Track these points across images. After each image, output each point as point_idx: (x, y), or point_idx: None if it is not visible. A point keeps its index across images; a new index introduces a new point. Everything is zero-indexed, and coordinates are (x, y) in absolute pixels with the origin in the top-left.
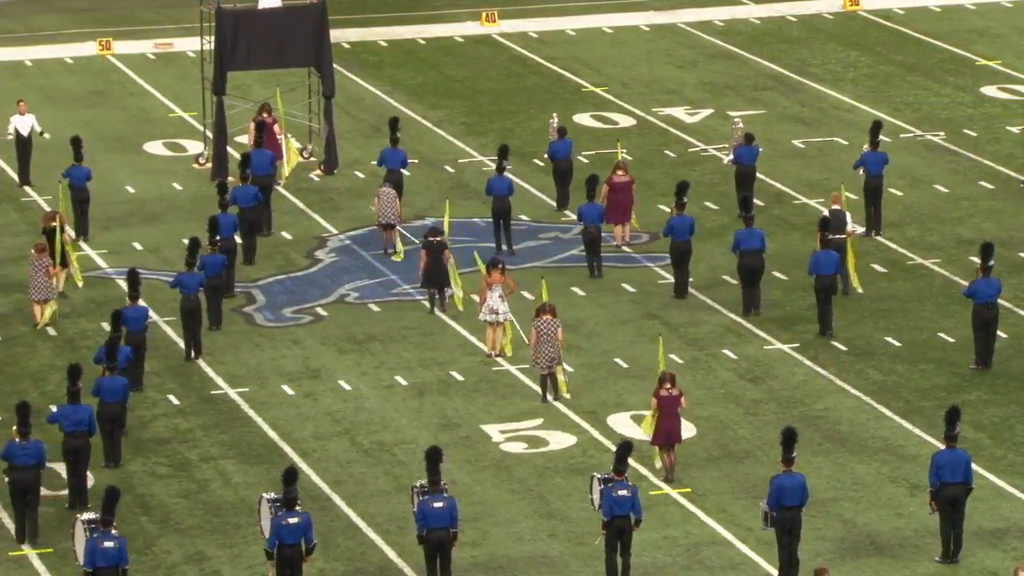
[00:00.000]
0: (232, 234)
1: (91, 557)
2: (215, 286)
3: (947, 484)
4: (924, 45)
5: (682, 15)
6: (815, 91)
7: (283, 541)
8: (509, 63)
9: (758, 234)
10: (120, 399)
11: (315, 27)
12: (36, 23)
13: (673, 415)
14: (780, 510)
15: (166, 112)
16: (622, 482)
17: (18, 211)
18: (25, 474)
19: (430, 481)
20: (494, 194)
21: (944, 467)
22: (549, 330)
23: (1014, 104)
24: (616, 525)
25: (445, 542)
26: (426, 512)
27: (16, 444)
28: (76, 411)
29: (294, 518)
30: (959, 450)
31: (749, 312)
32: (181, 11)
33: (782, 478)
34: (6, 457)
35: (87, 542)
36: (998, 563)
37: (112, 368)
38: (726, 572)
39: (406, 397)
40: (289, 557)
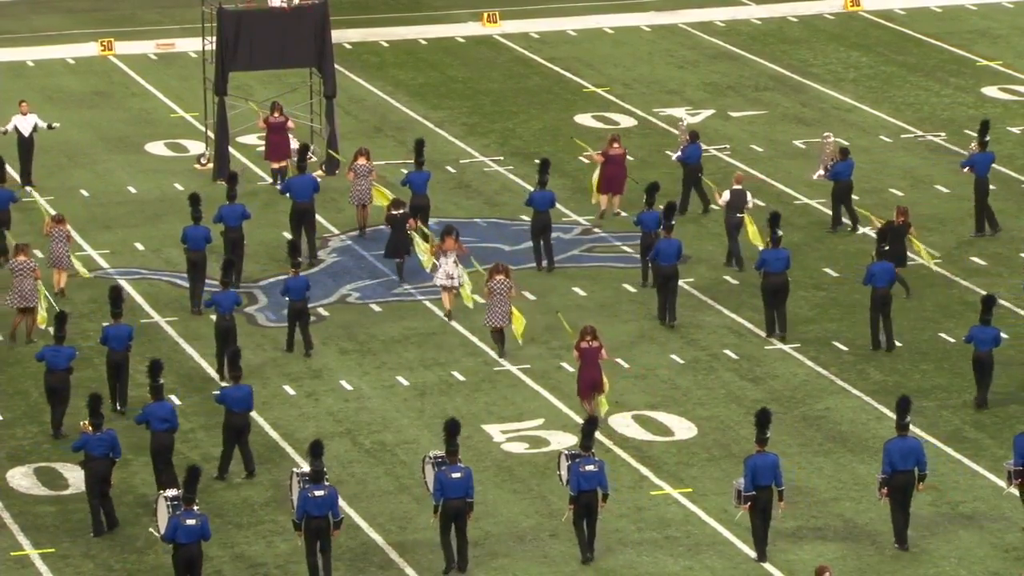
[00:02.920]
0: (239, 224)
1: (173, 533)
2: (299, 310)
3: (898, 472)
4: (925, 46)
5: (683, 16)
6: (816, 91)
7: (310, 513)
8: (510, 64)
9: (784, 254)
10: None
11: (317, 28)
12: (38, 23)
13: (594, 365)
14: (756, 489)
15: (168, 112)
16: (589, 457)
17: (20, 210)
18: (100, 464)
19: (448, 452)
20: (535, 208)
21: (895, 455)
22: (501, 289)
23: (1015, 105)
24: (583, 500)
25: (461, 511)
26: (444, 482)
27: (91, 436)
28: (160, 408)
29: (320, 491)
30: (910, 438)
31: (772, 333)
32: (183, 12)
33: (756, 458)
34: (82, 449)
35: (170, 519)
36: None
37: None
38: (729, 574)
39: (408, 397)
40: (316, 529)
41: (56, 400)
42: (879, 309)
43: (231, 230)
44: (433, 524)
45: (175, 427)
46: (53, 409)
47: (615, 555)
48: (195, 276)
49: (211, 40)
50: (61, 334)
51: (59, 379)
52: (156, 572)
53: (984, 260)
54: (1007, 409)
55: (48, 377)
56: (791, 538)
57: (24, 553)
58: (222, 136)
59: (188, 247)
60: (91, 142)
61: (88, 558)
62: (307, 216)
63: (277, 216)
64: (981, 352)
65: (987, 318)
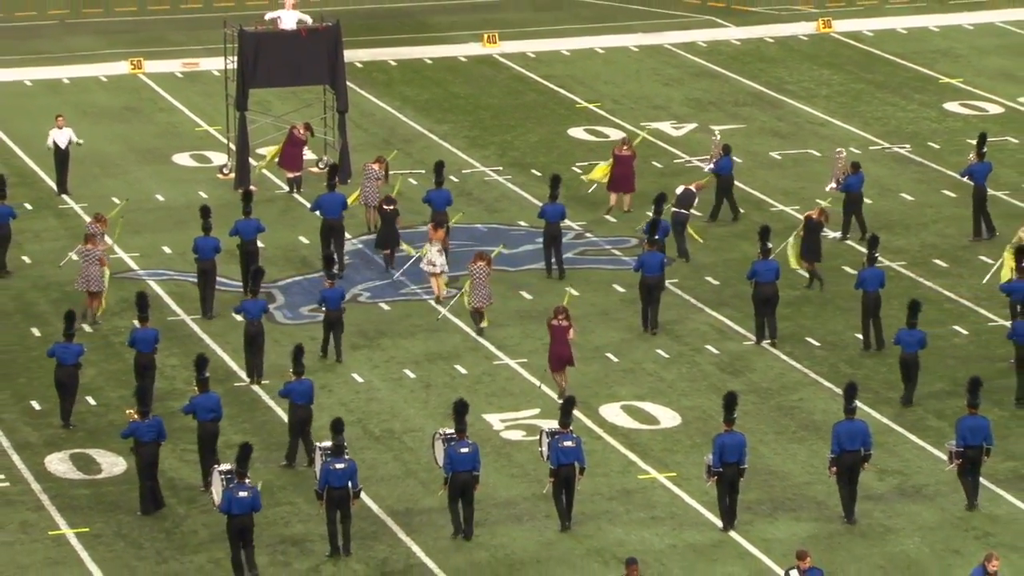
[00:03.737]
0: (255, 237)
1: (228, 504)
2: (335, 319)
3: (846, 452)
4: (892, 64)
5: (668, 37)
6: (791, 107)
7: (331, 484)
8: (509, 81)
9: (773, 265)
10: (217, 415)
11: (330, 48)
12: (73, 44)
13: (563, 342)
14: (723, 465)
15: (193, 126)
16: (567, 434)
17: (56, 218)
18: (149, 448)
19: (457, 430)
20: (546, 219)
21: (843, 436)
22: (481, 275)
23: (974, 119)
24: (562, 473)
25: (469, 483)
26: (453, 457)
27: (139, 423)
28: (207, 399)
29: (340, 464)
30: (857, 421)
31: (761, 339)
32: (206, 33)
33: (724, 437)
34: (131, 435)
35: (224, 491)
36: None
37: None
38: (707, 552)
39: (414, 389)
40: (337, 499)
41: (64, 393)
42: (870, 312)
43: (247, 243)
44: (442, 495)
45: (220, 417)
46: (62, 401)
47: (605, 534)
48: (205, 283)
49: (232, 60)
50: (70, 332)
51: (67, 374)
52: (182, 551)
53: (946, 263)
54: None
55: (57, 372)
56: (767, 518)
57: (61, 532)
58: (243, 148)
59: (198, 256)
60: (122, 154)
61: (119, 537)
62: (336, 231)
63: (293, 222)
64: (907, 354)
65: (913, 322)
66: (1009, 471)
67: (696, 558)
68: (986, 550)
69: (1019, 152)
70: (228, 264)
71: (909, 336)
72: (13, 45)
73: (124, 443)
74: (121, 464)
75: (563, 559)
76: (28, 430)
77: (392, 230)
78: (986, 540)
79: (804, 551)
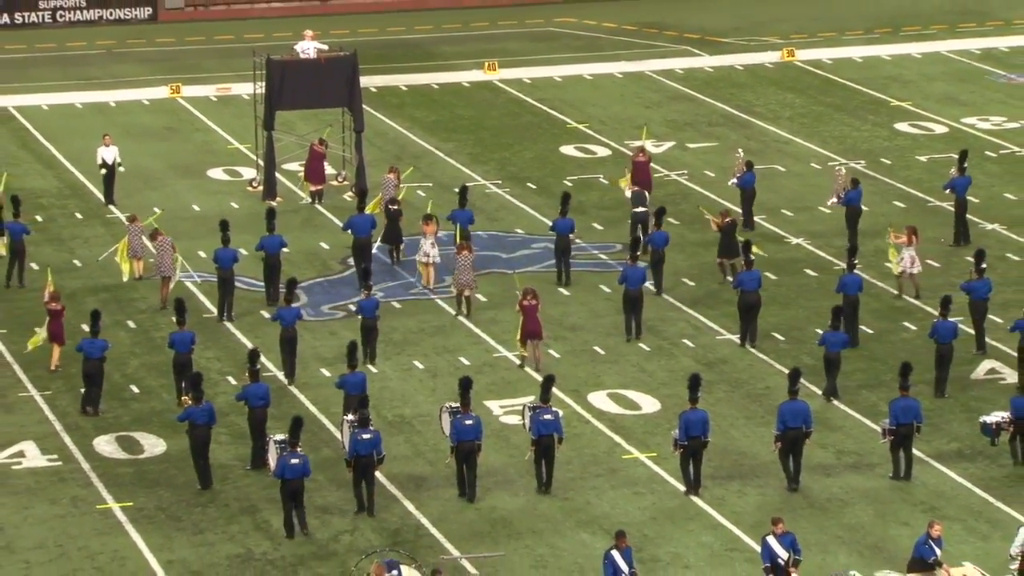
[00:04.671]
0: (278, 251)
1: (281, 470)
2: (370, 327)
3: (789, 428)
4: (848, 89)
5: (649, 64)
6: (759, 127)
7: (358, 453)
8: (507, 104)
9: (756, 275)
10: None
11: (348, 74)
12: (118, 71)
13: (534, 319)
14: (688, 439)
15: (225, 144)
16: (547, 408)
17: (104, 226)
18: (202, 430)
19: (462, 404)
20: (557, 232)
21: (787, 415)
22: (465, 262)
23: (922, 138)
24: (542, 442)
25: (472, 451)
26: (458, 428)
27: (194, 408)
28: (258, 388)
29: (367, 434)
30: (799, 401)
31: (744, 342)
32: (238, 61)
33: (688, 413)
34: (187, 419)
35: (278, 459)
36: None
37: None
38: (684, 524)
39: (423, 378)
40: (363, 466)
41: (91, 383)
42: (850, 313)
43: (270, 256)
44: (449, 462)
45: (268, 404)
46: (88, 391)
47: (593, 507)
48: (224, 291)
49: (261, 85)
50: (96, 329)
51: (93, 366)
52: (215, 523)
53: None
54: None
55: (85, 364)
56: (737, 493)
57: (107, 506)
58: (270, 164)
59: (218, 266)
60: (162, 169)
61: (160, 510)
62: (366, 249)
63: (315, 230)
64: (831, 352)
65: (836, 324)
66: (953, 451)
67: (673, 528)
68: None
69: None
70: (255, 267)
71: (833, 337)
72: (66, 72)
73: (163, 426)
74: (161, 445)
75: (556, 530)
76: (78, 415)
77: (396, 228)
78: (932, 513)
79: (778, 518)
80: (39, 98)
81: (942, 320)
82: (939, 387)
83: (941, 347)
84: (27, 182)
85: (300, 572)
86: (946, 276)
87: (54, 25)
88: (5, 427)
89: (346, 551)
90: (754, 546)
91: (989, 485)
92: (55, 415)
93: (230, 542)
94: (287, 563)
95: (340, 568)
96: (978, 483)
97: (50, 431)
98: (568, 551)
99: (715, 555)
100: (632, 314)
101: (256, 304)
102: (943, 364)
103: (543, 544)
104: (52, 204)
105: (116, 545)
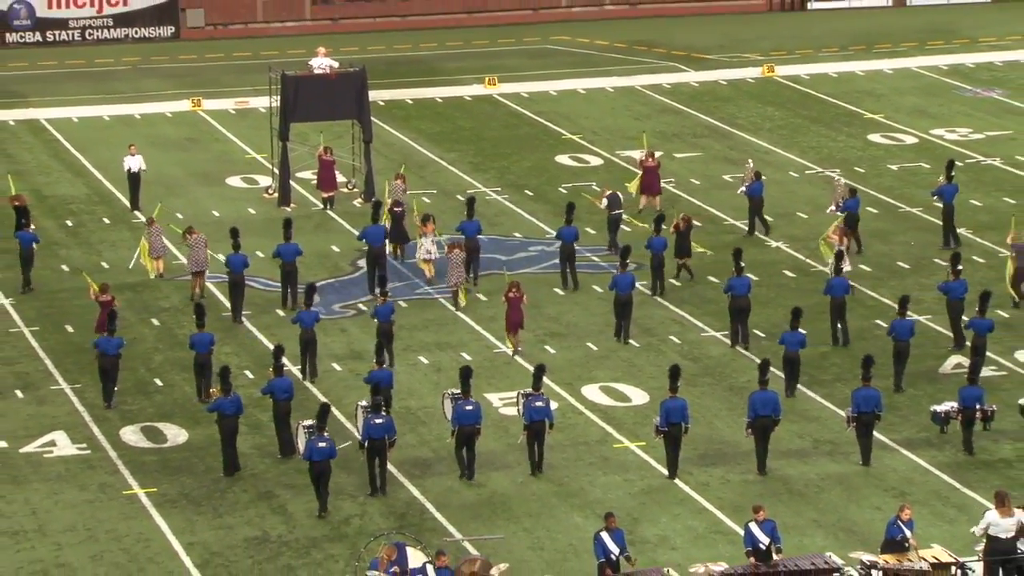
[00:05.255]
0: (294, 259)
1: (309, 453)
2: (387, 331)
3: (760, 416)
4: (824, 103)
5: (639, 80)
6: (741, 138)
7: (372, 436)
8: (506, 116)
9: (746, 281)
10: (289, 396)
11: (357, 89)
12: (143, 86)
13: (517, 310)
14: (668, 425)
15: (243, 154)
16: (539, 395)
17: (129, 230)
18: (231, 420)
19: (463, 391)
20: (562, 240)
21: (757, 403)
22: (456, 260)
23: (894, 148)
24: (534, 427)
25: (472, 435)
26: (459, 412)
27: (224, 399)
28: (282, 382)
29: (379, 419)
30: (769, 391)
31: (735, 344)
32: (254, 77)
33: (668, 402)
34: (216, 410)
35: (307, 442)
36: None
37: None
38: (673, 507)
39: (427, 372)
40: (376, 448)
41: (106, 378)
42: (836, 314)
43: (286, 263)
44: (450, 444)
45: (291, 396)
46: (104, 385)
47: (587, 493)
48: (235, 294)
49: (276, 99)
50: (112, 327)
51: (110, 362)
52: (234, 507)
53: (868, 267)
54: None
55: (101, 360)
56: (720, 479)
57: (133, 492)
58: (284, 172)
59: (230, 270)
60: (184, 177)
61: (182, 496)
62: (380, 258)
63: (326, 233)
64: (790, 352)
65: (796, 324)
66: (922, 440)
67: (661, 512)
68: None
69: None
70: (270, 268)
71: (792, 337)
72: (94, 86)
73: (185, 417)
74: (184, 435)
75: (551, 514)
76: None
77: (401, 227)
78: (902, 498)
79: (759, 505)
80: (69, 111)
81: (899, 319)
82: (896, 382)
83: (899, 344)
84: (58, 189)
85: (312, 553)
86: (916, 278)
87: (83, 43)
88: (38, 418)
89: (356, 534)
90: (736, 529)
91: (955, 472)
92: (84, 407)
93: (247, 525)
94: (300, 545)
95: (350, 549)
96: (945, 470)
97: (79, 422)
98: (563, 533)
99: (699, 537)
100: (622, 319)
101: (271, 303)
102: (900, 360)
103: (540, 527)
104: (81, 210)
105: (141, 528)
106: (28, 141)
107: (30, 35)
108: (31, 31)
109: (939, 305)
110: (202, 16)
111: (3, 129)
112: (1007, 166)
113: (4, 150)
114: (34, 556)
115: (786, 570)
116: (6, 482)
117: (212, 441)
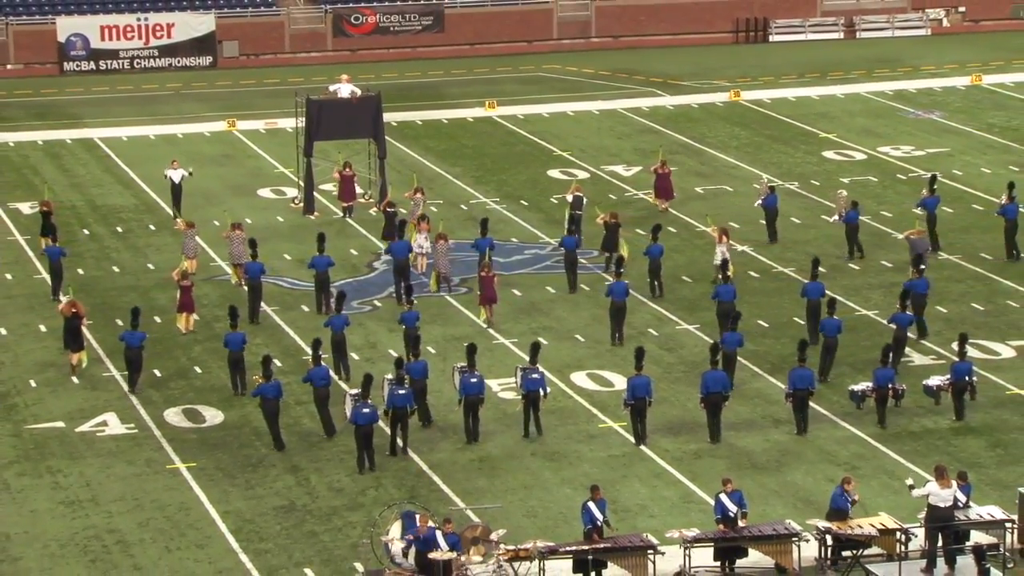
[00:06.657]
0: (326, 269)
1: (355, 417)
2: (414, 336)
3: (711, 392)
4: (784, 123)
5: (621, 103)
6: (711, 155)
7: (395, 405)
8: (504, 135)
9: (731, 289)
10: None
11: (373, 111)
12: (184, 108)
13: (491, 287)
14: (634, 399)
15: (272, 168)
16: (534, 368)
17: (172, 236)
18: (272, 403)
19: (469, 364)
20: (566, 248)
21: (708, 381)
22: (442, 250)
23: (846, 163)
24: (530, 396)
25: (476, 404)
26: (465, 383)
27: (266, 384)
28: (320, 371)
29: (402, 390)
30: (719, 370)
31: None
32: (283, 100)
33: (634, 379)
34: (259, 395)
35: (353, 409)
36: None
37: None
38: (649, 480)
39: (434, 361)
40: (399, 416)
41: (132, 368)
42: (812, 315)
43: (320, 273)
44: (457, 411)
45: (329, 383)
46: (130, 374)
47: (574, 468)
48: (254, 297)
49: (301, 120)
50: (135, 322)
51: (135, 354)
52: (264, 480)
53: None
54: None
55: (127, 352)
56: (693, 455)
57: (175, 466)
58: (309, 184)
59: (248, 276)
60: (220, 189)
61: (219, 470)
62: (404, 270)
63: (346, 239)
64: (728, 351)
65: (733, 327)
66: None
67: (641, 485)
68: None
69: (878, 188)
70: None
71: (731, 337)
72: (141, 109)
73: (221, 401)
74: (220, 416)
75: (544, 486)
76: (151, 391)
77: (393, 225)
78: (853, 472)
79: (727, 478)
80: (119, 131)
81: (828, 318)
82: (823, 373)
83: (828, 339)
84: (109, 200)
85: (333, 520)
86: (864, 278)
87: (132, 71)
88: (91, 401)
89: (372, 503)
90: (706, 499)
91: (901, 449)
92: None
93: (276, 496)
94: (322, 513)
95: (366, 517)
96: (891, 446)
97: (128, 404)
98: (554, 503)
99: (674, 506)
100: (616, 324)
101: (298, 300)
102: (828, 353)
103: (533, 497)
104: (130, 218)
105: (182, 498)
106: (83, 157)
107: (85, 64)
108: (86, 60)
109: (885, 300)
110: (237, 47)
111: (62, 147)
112: (944, 179)
113: (62, 165)
114: (88, 523)
115: (751, 535)
116: (63, 458)
117: (245, 422)
